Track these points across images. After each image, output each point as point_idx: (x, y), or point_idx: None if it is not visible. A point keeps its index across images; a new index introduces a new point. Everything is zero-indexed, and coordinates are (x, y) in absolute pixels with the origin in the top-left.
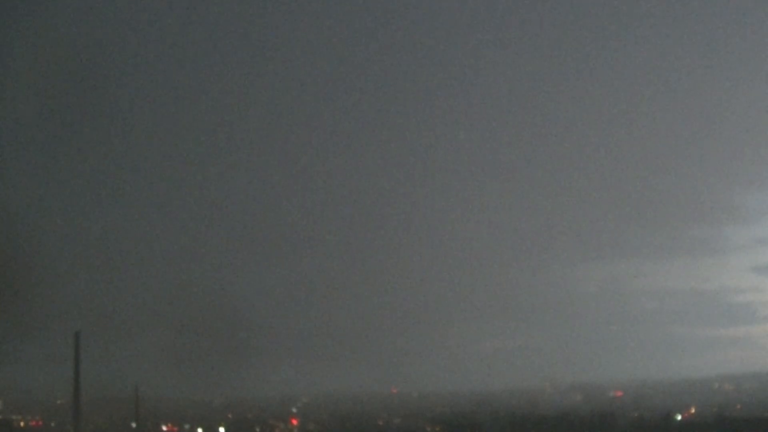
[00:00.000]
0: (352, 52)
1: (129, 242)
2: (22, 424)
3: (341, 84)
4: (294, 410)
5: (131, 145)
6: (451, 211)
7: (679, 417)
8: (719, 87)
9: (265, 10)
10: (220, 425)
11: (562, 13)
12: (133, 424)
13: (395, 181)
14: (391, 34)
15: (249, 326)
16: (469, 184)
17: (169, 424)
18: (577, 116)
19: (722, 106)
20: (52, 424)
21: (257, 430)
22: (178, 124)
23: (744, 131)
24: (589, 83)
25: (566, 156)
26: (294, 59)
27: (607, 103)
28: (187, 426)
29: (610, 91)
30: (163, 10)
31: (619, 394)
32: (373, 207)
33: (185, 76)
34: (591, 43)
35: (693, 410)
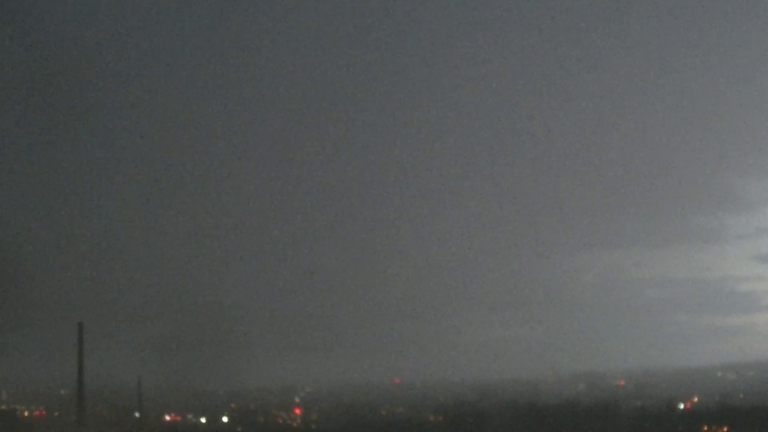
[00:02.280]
0: (352, 51)
1: (131, 236)
2: (26, 414)
3: (341, 80)
4: (297, 400)
5: (132, 143)
6: (452, 203)
7: (681, 406)
8: (719, 78)
9: (265, 10)
10: (224, 415)
11: (566, 6)
12: (137, 414)
13: (396, 175)
14: (391, 33)
15: (252, 318)
16: (470, 176)
17: (173, 414)
18: (579, 108)
19: (723, 97)
20: (56, 414)
21: (260, 419)
22: (176, 122)
23: (745, 121)
24: (589, 75)
25: (568, 147)
26: (292, 58)
27: (608, 95)
28: (190, 416)
29: (610, 83)
30: (164, 9)
31: (622, 383)
32: (374, 200)
33: (182, 75)
34: (593, 37)
35: (695, 399)
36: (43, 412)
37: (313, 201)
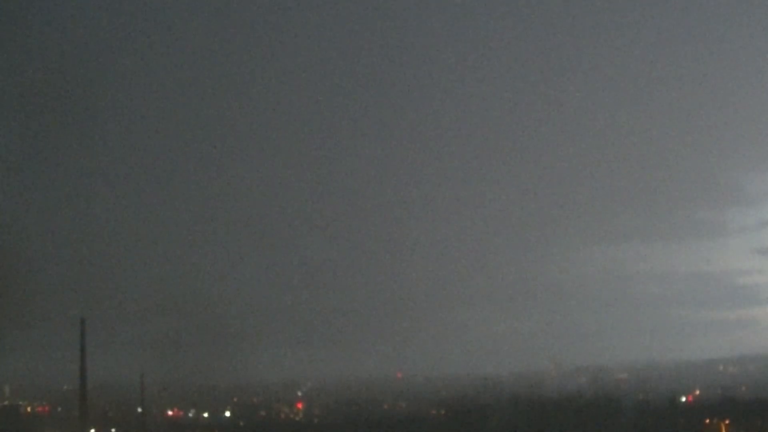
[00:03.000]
0: (358, 46)
1: (133, 232)
2: (29, 409)
3: (349, 73)
4: (299, 394)
5: (136, 138)
6: (454, 197)
7: (683, 399)
8: (721, 72)
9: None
10: (226, 409)
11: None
12: (139, 409)
13: (399, 171)
14: (399, 26)
15: (255, 312)
16: (472, 173)
17: (175, 409)
18: (581, 103)
19: (724, 91)
20: (59, 410)
21: (263, 414)
22: (182, 117)
23: (746, 115)
24: (589, 70)
25: (570, 142)
26: (298, 53)
27: (611, 90)
28: (193, 410)
29: (612, 78)
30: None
31: (624, 377)
32: (377, 196)
33: (185, 72)
34: (593, 32)
35: (697, 392)
36: (47, 408)
37: (317, 196)
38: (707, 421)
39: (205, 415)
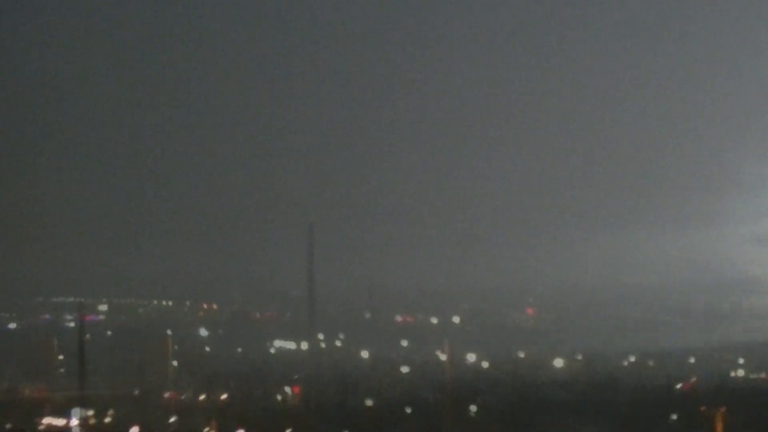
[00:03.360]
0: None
1: (136, 225)
2: (28, 392)
3: (345, 73)
4: (296, 377)
5: (152, 121)
6: (450, 184)
7: (679, 386)
8: (719, 60)
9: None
10: (223, 393)
11: None
12: (136, 392)
13: (399, 167)
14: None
15: (257, 297)
16: (471, 162)
17: (173, 392)
18: (579, 89)
19: (723, 76)
20: (57, 393)
21: (259, 397)
22: (195, 104)
23: (744, 101)
24: (587, 58)
25: (564, 129)
26: (309, 36)
27: (609, 75)
28: (190, 392)
29: (611, 63)
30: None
31: (621, 363)
32: (375, 189)
33: (196, 62)
34: (596, 24)
35: (694, 380)
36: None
37: (318, 192)
38: (703, 408)
39: (201, 397)
